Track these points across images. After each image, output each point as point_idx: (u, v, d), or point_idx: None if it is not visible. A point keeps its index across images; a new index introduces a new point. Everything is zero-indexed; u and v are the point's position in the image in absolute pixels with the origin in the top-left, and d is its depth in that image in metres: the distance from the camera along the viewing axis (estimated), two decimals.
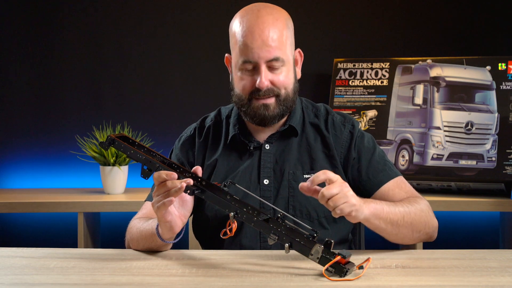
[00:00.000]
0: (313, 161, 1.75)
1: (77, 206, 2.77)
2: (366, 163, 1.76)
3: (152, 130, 3.19)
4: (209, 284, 1.37)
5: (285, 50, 1.70)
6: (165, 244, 1.62)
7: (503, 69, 2.89)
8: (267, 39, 1.66)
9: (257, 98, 1.70)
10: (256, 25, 1.67)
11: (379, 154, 1.78)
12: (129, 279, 1.40)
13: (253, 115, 1.72)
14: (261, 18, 1.68)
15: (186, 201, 1.59)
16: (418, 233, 1.66)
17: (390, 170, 1.77)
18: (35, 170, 3.25)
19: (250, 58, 1.68)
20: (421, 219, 1.65)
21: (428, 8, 3.25)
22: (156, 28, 3.26)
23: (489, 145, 2.81)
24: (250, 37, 1.67)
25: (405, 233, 1.64)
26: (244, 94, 1.72)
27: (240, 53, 1.69)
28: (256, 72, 1.69)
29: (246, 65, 1.69)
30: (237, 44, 1.70)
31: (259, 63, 1.68)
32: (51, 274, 1.45)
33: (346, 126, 1.80)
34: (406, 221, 1.62)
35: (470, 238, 3.20)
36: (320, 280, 1.39)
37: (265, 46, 1.66)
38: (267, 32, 1.67)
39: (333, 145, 1.77)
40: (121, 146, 1.58)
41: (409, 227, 1.63)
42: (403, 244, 1.70)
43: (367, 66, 3.06)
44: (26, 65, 3.25)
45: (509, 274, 1.43)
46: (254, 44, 1.66)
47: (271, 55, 1.67)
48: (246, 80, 1.70)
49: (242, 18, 1.71)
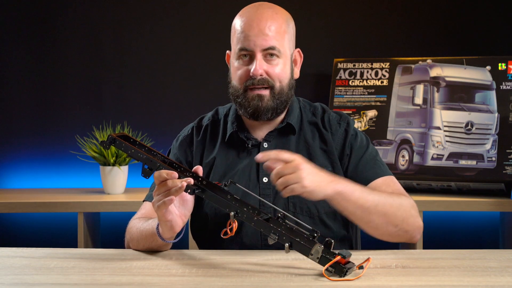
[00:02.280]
0: (311, 158, 1.76)
1: (77, 206, 2.78)
2: (356, 160, 1.77)
3: (151, 130, 3.20)
4: (209, 284, 1.37)
5: (282, 42, 1.72)
6: (165, 244, 1.62)
7: (503, 69, 2.89)
8: (264, 28, 1.70)
9: (252, 88, 1.72)
10: (255, 15, 1.72)
11: (370, 153, 1.78)
12: (129, 279, 1.40)
13: (247, 106, 1.74)
14: (261, 10, 1.73)
15: (187, 201, 1.59)
16: (395, 228, 1.62)
17: (380, 168, 1.76)
18: (35, 170, 3.25)
19: (246, 45, 1.71)
20: (398, 213, 1.62)
21: (428, 8, 3.26)
22: (156, 30, 3.26)
23: (489, 145, 2.81)
24: (248, 26, 1.71)
25: (378, 223, 1.61)
26: (239, 84, 1.74)
27: (237, 41, 1.73)
28: (252, 61, 1.72)
29: (242, 53, 1.72)
30: (236, 34, 1.74)
31: (255, 51, 1.70)
32: (51, 274, 1.45)
33: (341, 124, 1.81)
34: (379, 210, 1.59)
35: (470, 238, 3.20)
36: (320, 280, 1.39)
37: (261, 35, 1.70)
38: (264, 22, 1.71)
39: (331, 142, 1.78)
40: (122, 145, 1.58)
41: (383, 218, 1.60)
42: (381, 238, 1.65)
43: (367, 66, 3.06)
44: (26, 65, 3.25)
45: (509, 274, 1.43)
46: (251, 32, 1.70)
47: (267, 44, 1.70)
48: (242, 69, 1.73)
49: (243, 12, 1.76)
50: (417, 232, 1.67)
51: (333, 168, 1.76)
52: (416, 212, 1.67)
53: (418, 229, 1.67)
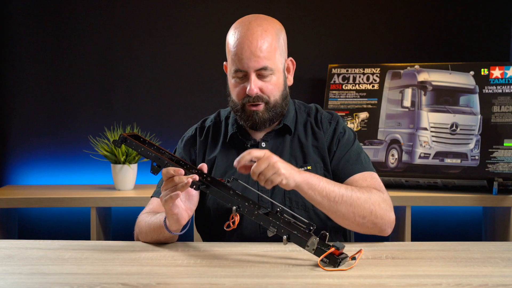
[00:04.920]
0: (305, 155, 1.77)
1: (90, 201, 2.78)
2: (340, 155, 1.76)
3: (159, 130, 3.20)
4: (212, 273, 1.37)
5: (274, 60, 1.71)
6: (172, 236, 1.62)
7: (486, 74, 2.89)
8: (255, 50, 1.68)
9: (249, 104, 1.73)
10: (245, 37, 1.69)
11: (355, 150, 1.78)
12: (138, 269, 1.40)
13: (246, 120, 1.75)
14: (251, 30, 1.70)
15: (192, 196, 1.59)
16: (363, 219, 1.61)
17: (361, 164, 1.75)
18: (51, 168, 3.25)
19: (240, 67, 1.70)
20: (365, 206, 1.61)
21: (416, 17, 3.25)
22: (163, 37, 3.25)
23: (473, 144, 2.81)
24: (240, 48, 1.69)
25: (345, 213, 1.59)
26: (238, 100, 1.75)
27: (232, 63, 1.72)
28: (247, 79, 1.71)
29: (237, 74, 1.72)
30: (230, 54, 1.73)
31: (249, 72, 1.70)
32: (66, 265, 1.45)
33: (331, 123, 1.82)
34: (345, 201, 1.59)
35: (455, 231, 3.20)
36: (315, 270, 1.39)
37: (253, 57, 1.68)
38: (255, 43, 1.68)
39: (322, 139, 1.78)
40: (132, 144, 1.58)
41: (349, 208, 1.59)
42: (351, 228, 1.64)
43: (359, 71, 3.06)
44: (43, 72, 3.24)
45: (491, 264, 1.43)
46: (244, 55, 1.68)
47: (260, 65, 1.69)
48: (239, 87, 1.73)
49: (235, 30, 1.73)
50: (387, 225, 1.64)
51: (324, 164, 1.76)
52: (387, 206, 1.65)
53: (389, 223, 1.64)
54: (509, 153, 2.74)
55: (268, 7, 3.22)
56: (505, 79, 2.86)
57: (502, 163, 2.73)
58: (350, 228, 1.65)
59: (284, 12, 3.21)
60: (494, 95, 2.85)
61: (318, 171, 1.74)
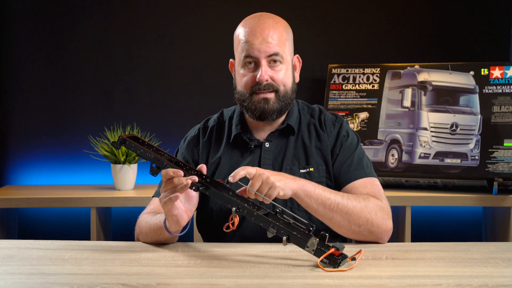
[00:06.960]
0: (308, 157, 1.76)
1: (90, 201, 2.78)
2: (343, 160, 1.76)
3: (159, 130, 3.20)
4: (212, 274, 1.37)
5: (284, 49, 1.72)
6: (172, 237, 1.62)
7: (485, 74, 2.89)
8: (267, 37, 1.70)
9: (258, 92, 1.72)
10: (257, 25, 1.72)
11: (358, 155, 1.77)
12: (138, 270, 1.40)
13: (254, 109, 1.74)
14: (262, 20, 1.73)
15: (192, 197, 1.59)
16: (358, 227, 1.61)
17: (363, 170, 1.74)
18: (51, 168, 3.25)
19: (251, 53, 1.70)
20: (361, 214, 1.60)
21: (416, 18, 3.25)
22: (164, 37, 3.26)
23: (473, 144, 2.81)
24: (252, 35, 1.71)
25: (340, 221, 1.60)
26: (245, 90, 1.74)
27: (242, 50, 1.72)
28: (257, 68, 1.71)
29: (247, 60, 1.71)
30: (240, 43, 1.73)
31: (259, 58, 1.70)
32: (66, 265, 1.45)
33: (335, 125, 1.81)
34: (341, 209, 1.59)
35: (455, 231, 3.20)
36: (315, 270, 1.38)
37: (265, 43, 1.70)
38: (267, 31, 1.70)
39: (326, 141, 1.78)
40: (131, 145, 1.58)
41: (345, 216, 1.59)
42: (347, 236, 1.65)
43: (359, 71, 3.06)
44: (44, 73, 3.25)
45: (491, 265, 1.43)
46: (256, 41, 1.70)
47: (271, 50, 1.70)
48: (248, 76, 1.73)
49: (245, 23, 1.75)
50: (384, 234, 1.64)
51: (326, 167, 1.76)
52: (384, 214, 1.64)
53: (385, 231, 1.64)
54: (509, 153, 2.74)
55: (268, 7, 3.20)
56: (505, 79, 2.86)
57: (502, 163, 2.73)
58: (346, 235, 1.65)
59: (284, 12, 3.19)
60: (494, 95, 2.85)
61: (320, 173, 1.74)
